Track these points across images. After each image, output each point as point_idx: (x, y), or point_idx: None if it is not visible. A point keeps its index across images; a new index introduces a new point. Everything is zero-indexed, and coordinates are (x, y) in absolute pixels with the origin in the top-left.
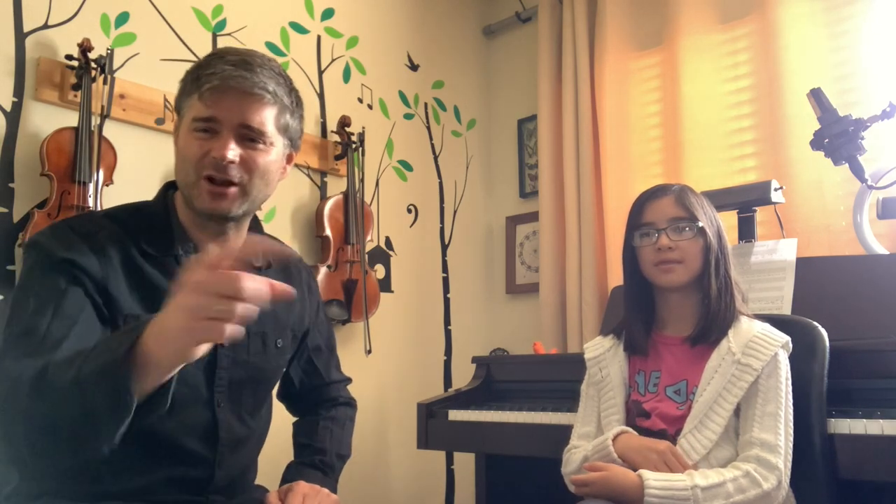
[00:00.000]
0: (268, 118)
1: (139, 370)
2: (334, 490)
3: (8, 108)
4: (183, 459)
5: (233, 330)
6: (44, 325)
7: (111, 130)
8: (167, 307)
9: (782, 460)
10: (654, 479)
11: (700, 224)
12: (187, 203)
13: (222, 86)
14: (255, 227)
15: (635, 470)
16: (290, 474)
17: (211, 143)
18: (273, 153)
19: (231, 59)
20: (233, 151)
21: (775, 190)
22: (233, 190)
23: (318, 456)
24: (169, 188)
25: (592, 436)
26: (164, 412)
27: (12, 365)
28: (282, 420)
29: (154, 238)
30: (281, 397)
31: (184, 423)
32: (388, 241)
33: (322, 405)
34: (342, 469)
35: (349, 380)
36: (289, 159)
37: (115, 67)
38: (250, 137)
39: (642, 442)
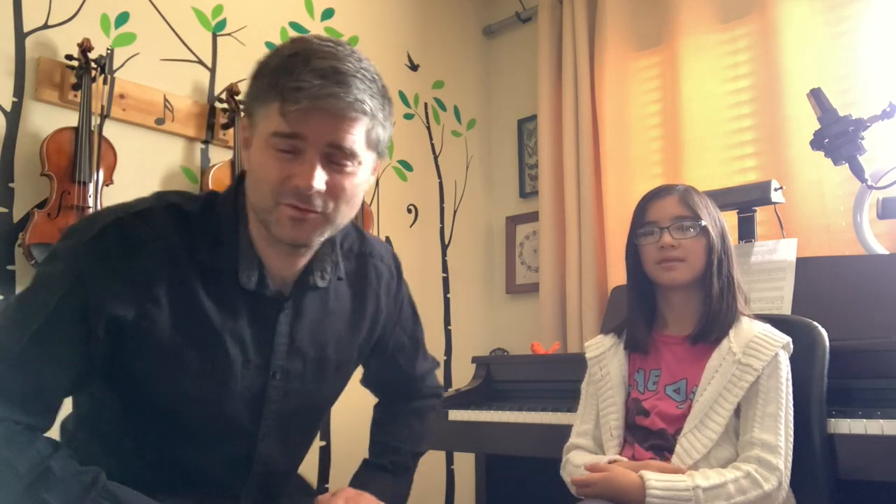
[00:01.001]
0: (359, 137)
1: None
2: (406, 490)
3: (8, 108)
4: (208, 486)
5: None
6: (33, 366)
7: (111, 130)
8: None
9: (783, 461)
10: (655, 480)
11: (703, 223)
12: (261, 223)
13: (311, 107)
14: (328, 241)
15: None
16: (359, 476)
17: (293, 167)
18: (361, 173)
19: (319, 66)
20: (319, 179)
21: (775, 190)
22: (315, 216)
23: (391, 457)
24: (241, 180)
25: (591, 433)
26: None
27: None
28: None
29: (217, 248)
30: (365, 384)
31: (217, 455)
32: (388, 241)
33: (406, 396)
34: (417, 465)
35: (436, 364)
36: (374, 169)
37: (115, 67)
38: (337, 160)
39: (630, 466)
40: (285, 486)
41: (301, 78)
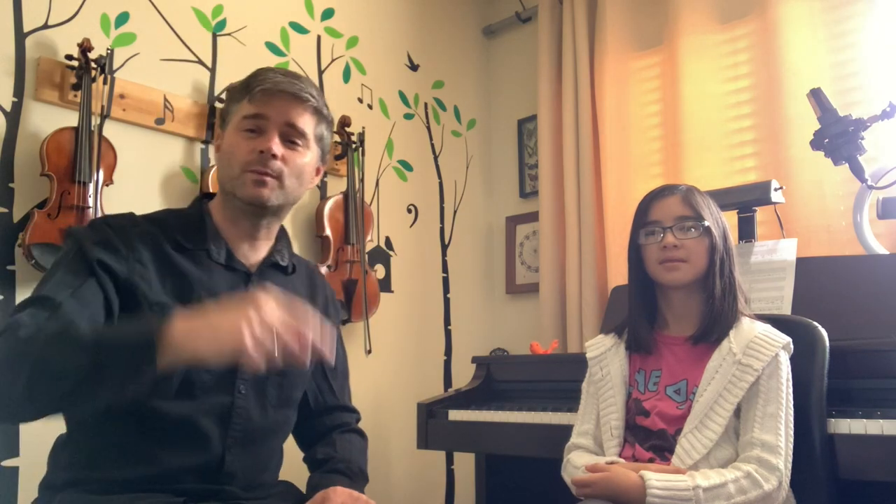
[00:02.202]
0: (309, 123)
1: (160, 352)
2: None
3: (8, 108)
4: (195, 441)
5: (257, 357)
6: (62, 297)
7: (111, 130)
8: (209, 312)
9: (783, 461)
10: (655, 480)
11: (706, 223)
12: (227, 198)
13: (273, 88)
14: (282, 235)
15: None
16: (316, 483)
17: (257, 142)
18: (308, 157)
19: (280, 71)
20: (278, 147)
21: (775, 190)
22: (272, 180)
23: (343, 463)
24: (203, 198)
25: (591, 433)
26: (170, 396)
27: (27, 319)
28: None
29: (188, 234)
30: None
31: (202, 405)
32: (388, 241)
33: (335, 429)
34: (365, 484)
35: (360, 415)
36: (317, 171)
37: (115, 67)
38: (292, 139)
39: (630, 467)
40: (271, 460)
41: (266, 75)
